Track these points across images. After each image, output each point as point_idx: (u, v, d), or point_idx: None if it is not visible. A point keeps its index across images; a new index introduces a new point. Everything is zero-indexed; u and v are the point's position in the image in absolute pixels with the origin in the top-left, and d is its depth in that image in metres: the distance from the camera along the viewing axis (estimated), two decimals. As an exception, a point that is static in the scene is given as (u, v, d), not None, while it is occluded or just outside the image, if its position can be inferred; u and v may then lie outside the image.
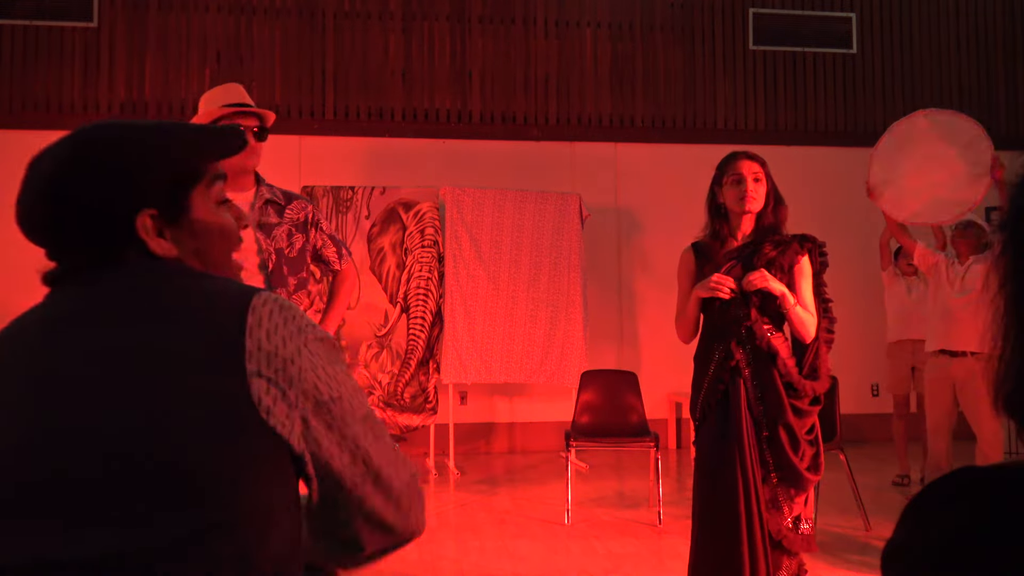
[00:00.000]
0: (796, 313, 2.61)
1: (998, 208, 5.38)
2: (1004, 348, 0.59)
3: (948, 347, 4.60)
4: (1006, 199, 0.61)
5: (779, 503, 2.58)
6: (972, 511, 0.53)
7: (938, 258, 4.76)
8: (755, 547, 2.50)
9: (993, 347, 0.60)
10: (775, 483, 2.57)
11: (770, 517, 2.56)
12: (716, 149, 3.09)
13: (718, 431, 2.62)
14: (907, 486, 5.41)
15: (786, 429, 2.56)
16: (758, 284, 2.57)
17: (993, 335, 0.60)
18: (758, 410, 2.58)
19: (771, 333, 2.63)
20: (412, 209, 6.50)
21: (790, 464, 2.55)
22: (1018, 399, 0.58)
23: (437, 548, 4.09)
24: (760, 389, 2.58)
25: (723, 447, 2.59)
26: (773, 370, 2.58)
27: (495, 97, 7.29)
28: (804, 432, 2.60)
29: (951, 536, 0.53)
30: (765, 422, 2.57)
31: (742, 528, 2.51)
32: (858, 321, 6.53)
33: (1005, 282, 0.59)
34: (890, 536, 0.58)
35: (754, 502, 2.53)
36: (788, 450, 2.55)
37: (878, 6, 7.78)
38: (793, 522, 2.60)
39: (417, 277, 6.42)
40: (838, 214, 7.04)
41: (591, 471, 6.12)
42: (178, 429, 0.87)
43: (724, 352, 2.63)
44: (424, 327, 6.40)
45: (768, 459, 2.56)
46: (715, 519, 2.58)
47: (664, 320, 7.06)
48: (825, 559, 3.83)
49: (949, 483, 0.56)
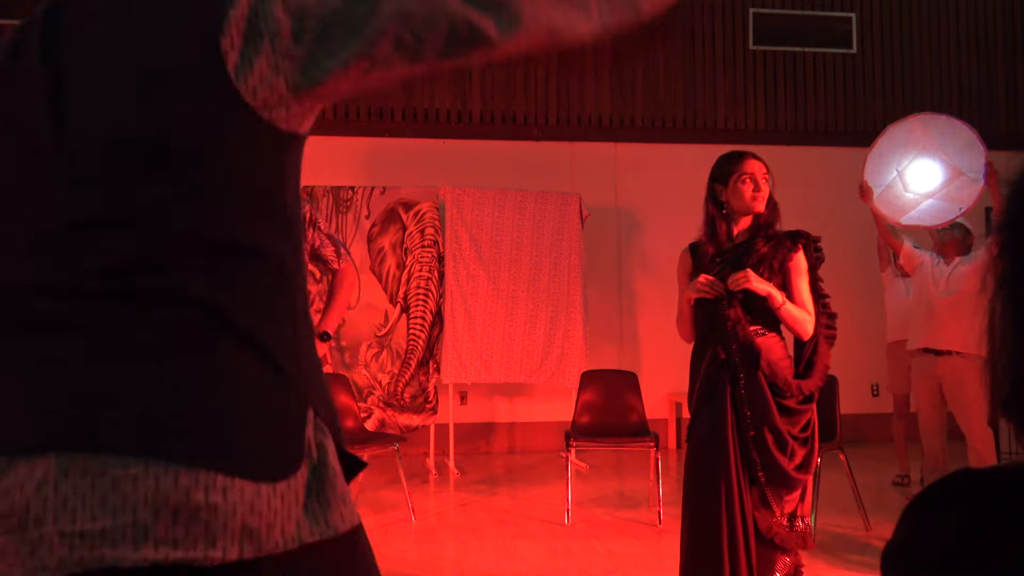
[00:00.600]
0: (786, 311, 2.59)
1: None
2: (1001, 352, 0.59)
3: (933, 346, 4.62)
4: (1003, 201, 0.61)
5: (768, 502, 2.56)
6: (972, 512, 0.53)
7: (924, 258, 4.78)
8: (735, 543, 2.50)
9: (988, 350, 0.59)
10: (763, 482, 2.56)
11: (760, 516, 2.55)
12: (716, 149, 3.09)
13: (706, 430, 2.62)
14: (907, 486, 5.41)
15: (771, 431, 2.55)
16: (742, 284, 2.56)
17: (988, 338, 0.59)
18: (744, 410, 2.57)
19: (762, 333, 2.61)
20: (412, 209, 6.50)
21: (776, 464, 2.54)
22: (1016, 403, 0.58)
23: (437, 548, 4.09)
24: (748, 389, 2.57)
25: (709, 445, 2.59)
26: (759, 371, 2.56)
27: (495, 97, 7.29)
28: (798, 431, 2.59)
29: (951, 537, 0.53)
30: (752, 423, 2.56)
31: (723, 524, 2.51)
32: (858, 321, 6.53)
33: (1002, 285, 0.59)
34: (890, 538, 0.58)
35: (736, 499, 2.52)
36: (774, 451, 2.54)
37: (878, 6, 7.77)
38: (788, 519, 2.60)
39: (417, 277, 6.42)
40: (838, 214, 7.04)
41: (591, 471, 6.12)
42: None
43: (714, 352, 2.63)
44: (424, 327, 6.40)
45: (755, 458, 2.55)
46: (698, 515, 2.60)
47: (664, 320, 7.07)
48: (825, 559, 3.83)
49: (948, 484, 0.56)
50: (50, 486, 0.78)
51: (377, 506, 4.99)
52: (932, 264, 4.72)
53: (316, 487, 0.88)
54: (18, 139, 0.91)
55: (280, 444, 0.86)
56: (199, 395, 0.83)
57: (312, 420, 0.89)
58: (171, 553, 0.78)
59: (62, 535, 0.77)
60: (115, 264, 0.84)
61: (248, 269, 0.89)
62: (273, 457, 0.85)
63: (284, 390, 0.88)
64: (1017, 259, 0.58)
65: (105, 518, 0.77)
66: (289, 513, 0.84)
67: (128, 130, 0.86)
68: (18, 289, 0.87)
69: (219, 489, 0.80)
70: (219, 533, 0.80)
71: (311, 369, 0.93)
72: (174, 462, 0.79)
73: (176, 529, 0.78)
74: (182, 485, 0.79)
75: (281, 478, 0.84)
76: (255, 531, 0.81)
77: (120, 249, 0.84)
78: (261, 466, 0.83)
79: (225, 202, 0.88)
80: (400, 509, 4.82)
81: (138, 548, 0.77)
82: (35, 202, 0.88)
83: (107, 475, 0.78)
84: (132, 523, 0.77)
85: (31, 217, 0.89)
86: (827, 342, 2.67)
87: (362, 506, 4.98)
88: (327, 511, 0.88)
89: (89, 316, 0.84)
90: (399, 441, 4.76)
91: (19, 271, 0.88)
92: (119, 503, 0.78)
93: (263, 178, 0.91)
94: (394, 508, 4.90)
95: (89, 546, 0.77)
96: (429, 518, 4.77)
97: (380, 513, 4.81)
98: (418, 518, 4.70)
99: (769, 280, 2.60)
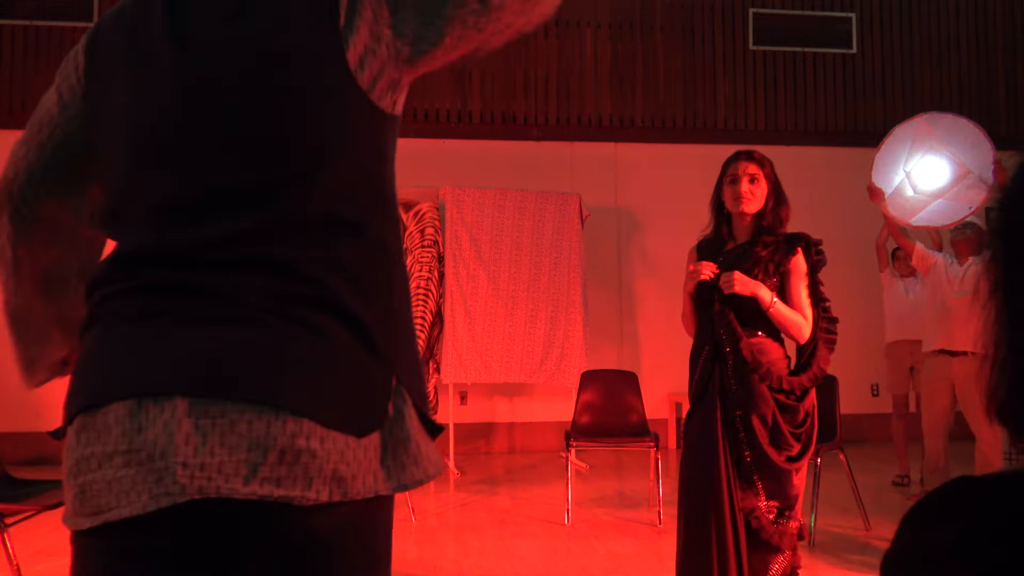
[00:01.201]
0: (777, 311, 2.56)
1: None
2: (996, 356, 0.59)
3: (949, 347, 4.60)
4: (996, 206, 0.61)
5: (754, 483, 2.55)
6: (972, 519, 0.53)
7: (937, 258, 4.76)
8: (724, 542, 2.49)
9: (985, 354, 0.59)
10: (748, 463, 2.54)
11: (744, 498, 2.54)
12: (716, 149, 3.09)
13: (699, 429, 2.62)
14: (907, 486, 5.41)
15: (760, 416, 2.54)
16: (727, 289, 2.55)
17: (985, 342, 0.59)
18: (732, 391, 2.56)
19: (753, 334, 2.60)
20: (412, 209, 6.49)
21: (760, 448, 2.52)
22: (1011, 408, 0.58)
23: (437, 548, 4.09)
24: (738, 382, 2.56)
25: (701, 444, 2.59)
26: (746, 364, 2.55)
27: (495, 97, 7.29)
28: (792, 427, 2.58)
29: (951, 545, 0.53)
30: (739, 404, 2.55)
31: (711, 523, 2.51)
32: (858, 321, 6.53)
33: (996, 289, 0.59)
34: (889, 546, 0.58)
35: (726, 498, 2.52)
36: (760, 432, 2.52)
37: (878, 6, 7.78)
38: (777, 512, 2.58)
39: (417, 277, 6.42)
40: (838, 214, 7.04)
41: (591, 471, 6.12)
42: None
43: (711, 347, 2.63)
44: (424, 327, 6.40)
45: (742, 437, 2.54)
46: (691, 514, 2.59)
47: (664, 320, 7.08)
48: (825, 559, 3.83)
49: (949, 491, 0.56)
50: (176, 424, 0.88)
51: (377, 506, 4.99)
52: (946, 264, 4.70)
53: (392, 447, 0.99)
54: (144, 114, 0.98)
55: (366, 406, 0.96)
56: (303, 355, 0.93)
57: (395, 388, 1.00)
58: (275, 490, 0.89)
59: (184, 465, 0.88)
60: (231, 235, 0.94)
61: (352, 245, 0.99)
62: (360, 416, 0.95)
63: (373, 358, 0.98)
64: (1010, 265, 0.58)
65: (222, 454, 0.88)
66: (370, 466, 0.96)
67: (249, 115, 0.95)
68: (140, 254, 0.96)
69: (318, 437, 0.91)
70: (316, 476, 0.91)
71: (403, 340, 1.03)
72: (283, 410, 0.90)
73: (281, 469, 0.89)
74: (289, 430, 0.90)
75: (366, 434, 0.95)
76: (344, 478, 0.93)
77: (237, 221, 0.94)
78: (350, 422, 0.94)
79: (335, 181, 0.98)
80: (400, 509, 4.82)
81: (248, 483, 0.88)
82: (160, 173, 0.97)
83: (226, 417, 0.89)
84: (244, 460, 0.88)
85: (152, 187, 0.97)
86: (826, 347, 2.63)
87: (362, 506, 4.98)
88: (399, 470, 0.99)
89: (208, 281, 0.94)
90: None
91: (141, 237, 0.97)
92: (234, 442, 0.88)
93: (368, 159, 1.01)
94: (394, 508, 4.89)
95: (207, 477, 0.88)
96: (429, 518, 4.77)
97: (380, 513, 4.81)
98: (418, 518, 4.70)
99: (764, 282, 2.58)
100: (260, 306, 0.93)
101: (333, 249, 0.97)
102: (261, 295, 0.93)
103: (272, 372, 0.91)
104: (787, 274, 2.62)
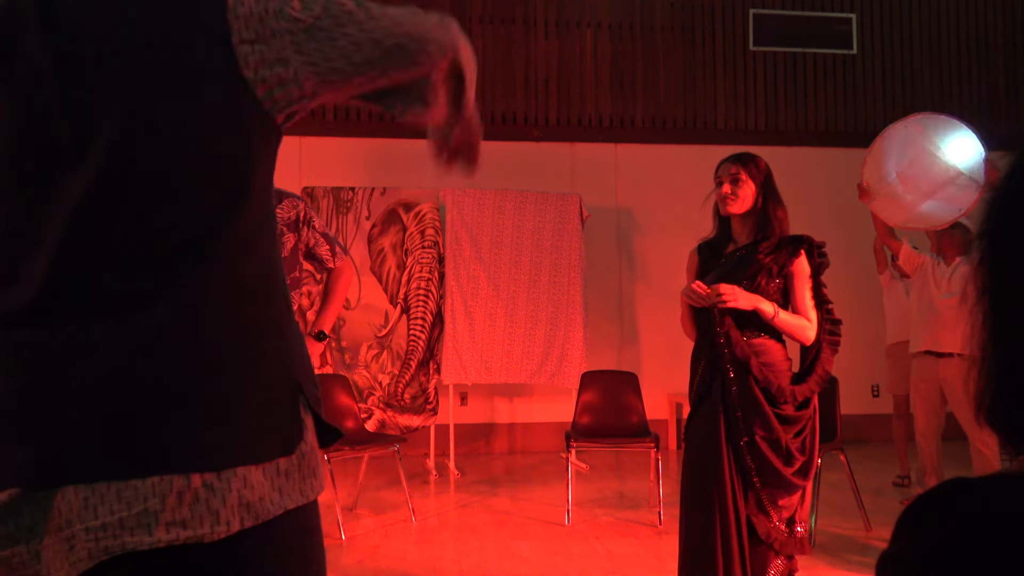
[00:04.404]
0: (781, 321, 2.56)
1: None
2: (983, 360, 0.58)
3: (935, 348, 4.60)
4: (984, 209, 0.60)
5: (765, 507, 2.54)
6: (966, 521, 0.53)
7: (924, 259, 4.76)
8: (729, 545, 2.48)
9: (973, 358, 0.59)
10: (758, 487, 2.52)
11: (758, 522, 2.53)
12: (716, 149, 3.09)
13: (700, 431, 2.61)
14: (907, 487, 5.41)
15: (765, 438, 2.52)
16: (728, 304, 2.52)
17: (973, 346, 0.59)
18: (736, 414, 2.53)
19: (759, 335, 2.60)
20: (412, 210, 6.49)
21: (771, 467, 2.50)
22: (998, 412, 0.57)
23: (437, 548, 4.09)
24: (740, 397, 2.53)
25: (702, 447, 2.58)
26: (750, 377, 2.53)
27: (495, 97, 7.29)
28: (793, 436, 2.56)
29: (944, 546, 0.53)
30: (743, 429, 2.52)
31: (716, 525, 2.50)
32: (858, 322, 6.52)
33: (983, 293, 0.59)
34: (886, 547, 0.58)
35: (729, 500, 2.50)
36: (769, 454, 2.50)
37: (878, 6, 7.77)
38: (787, 524, 2.58)
39: (417, 278, 6.42)
40: (838, 215, 7.04)
41: (591, 472, 6.12)
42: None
43: (710, 354, 2.62)
44: (424, 328, 6.40)
45: (750, 464, 2.52)
46: (693, 516, 2.58)
47: (664, 320, 7.07)
48: (825, 559, 3.83)
49: (942, 493, 0.56)
50: (75, 497, 0.88)
51: (377, 507, 4.99)
52: (932, 265, 4.71)
53: (297, 461, 0.98)
54: (26, 127, 0.91)
55: (272, 431, 0.96)
56: (197, 399, 0.91)
57: (300, 402, 1.00)
58: (181, 533, 0.88)
59: (87, 530, 0.87)
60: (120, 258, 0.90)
61: (239, 259, 0.96)
62: (264, 442, 0.95)
63: (276, 378, 0.97)
64: (997, 268, 0.58)
65: (121, 510, 0.87)
66: (274, 484, 0.95)
67: (139, 123, 0.89)
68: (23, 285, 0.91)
69: (214, 472, 0.90)
70: (220, 508, 0.90)
71: (295, 348, 1.03)
72: (180, 471, 0.89)
73: (182, 511, 0.88)
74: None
75: (271, 459, 0.95)
76: (251, 503, 0.92)
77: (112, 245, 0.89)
78: (249, 451, 0.93)
79: (226, 193, 0.94)
80: (400, 510, 4.82)
81: (151, 532, 0.87)
82: (44, 192, 0.91)
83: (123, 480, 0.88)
84: (143, 511, 0.87)
85: (37, 208, 0.91)
86: (831, 348, 2.62)
87: (362, 506, 4.98)
88: (303, 482, 0.98)
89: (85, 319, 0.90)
90: (399, 442, 4.75)
91: (22, 270, 0.91)
92: (132, 496, 0.87)
93: (260, 170, 0.98)
94: (394, 509, 4.90)
95: (111, 535, 0.87)
96: (429, 519, 4.76)
97: (380, 514, 4.81)
98: (418, 519, 4.70)
99: (767, 285, 2.58)
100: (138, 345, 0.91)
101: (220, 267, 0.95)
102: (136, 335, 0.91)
103: (164, 437, 0.90)
104: (790, 277, 2.61)
